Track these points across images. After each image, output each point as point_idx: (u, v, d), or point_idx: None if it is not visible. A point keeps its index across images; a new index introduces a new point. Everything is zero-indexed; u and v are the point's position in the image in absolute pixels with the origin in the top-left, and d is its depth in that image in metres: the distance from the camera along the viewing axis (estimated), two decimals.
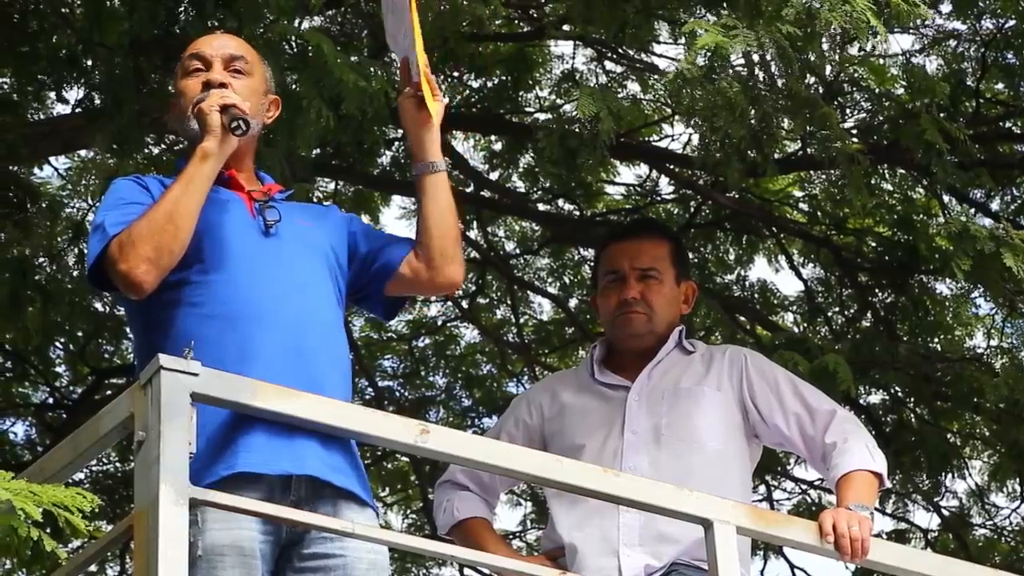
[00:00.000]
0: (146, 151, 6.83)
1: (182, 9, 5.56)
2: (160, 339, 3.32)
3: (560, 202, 8.26)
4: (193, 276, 3.38)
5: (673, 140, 7.83)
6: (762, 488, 8.69)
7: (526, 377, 9.01)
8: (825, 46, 5.13)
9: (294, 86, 5.30)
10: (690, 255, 6.50)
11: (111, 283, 3.36)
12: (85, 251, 7.72)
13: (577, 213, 8.24)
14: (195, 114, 3.44)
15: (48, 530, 2.91)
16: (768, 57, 4.87)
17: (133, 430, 2.96)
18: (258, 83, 3.58)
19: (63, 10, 5.94)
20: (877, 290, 7.48)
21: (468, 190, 8.02)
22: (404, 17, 3.63)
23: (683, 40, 5.43)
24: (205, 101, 3.43)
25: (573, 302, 8.70)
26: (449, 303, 8.99)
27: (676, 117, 7.20)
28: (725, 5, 4.97)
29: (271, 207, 3.50)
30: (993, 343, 7.92)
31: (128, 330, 8.53)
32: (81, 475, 8.51)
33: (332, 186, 8.05)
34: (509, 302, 8.88)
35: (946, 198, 7.20)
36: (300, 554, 3.31)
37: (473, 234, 8.38)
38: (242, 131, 3.39)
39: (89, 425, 3.11)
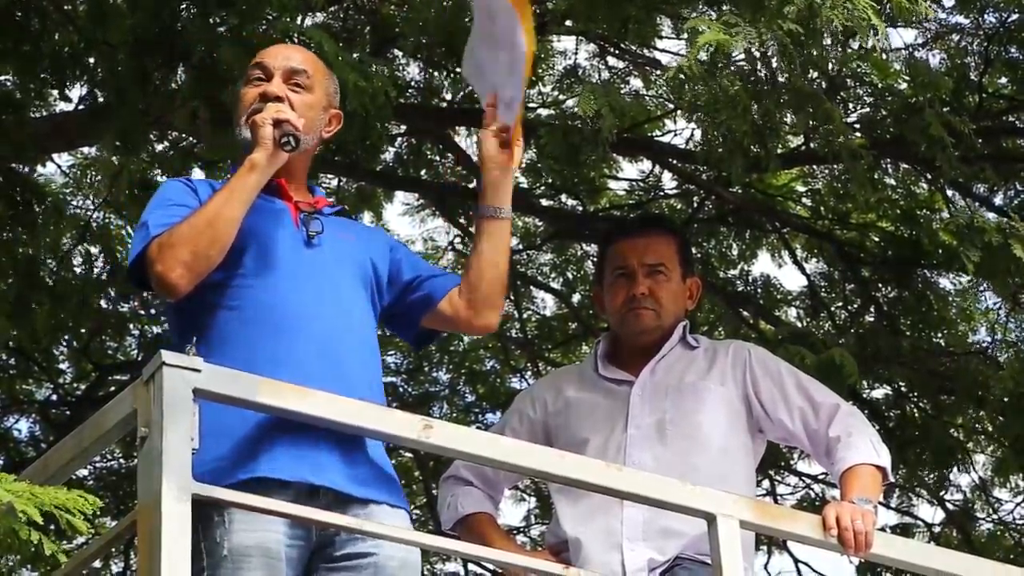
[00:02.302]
0: (149, 148, 6.85)
1: (184, 6, 5.57)
2: (194, 338, 3.34)
3: (563, 198, 8.26)
4: (232, 280, 3.41)
5: (676, 135, 7.84)
6: (765, 483, 8.70)
7: (529, 373, 9.02)
8: (827, 42, 5.12)
9: None
10: (693, 250, 6.50)
11: (149, 282, 3.39)
12: (92, 251, 7.79)
13: (580, 209, 8.24)
14: (248, 124, 3.47)
15: (52, 527, 2.92)
16: (770, 53, 4.87)
17: (136, 426, 2.97)
18: (318, 98, 3.59)
19: (66, 8, 5.94)
20: (880, 285, 7.48)
21: (471, 185, 8.02)
22: (499, 55, 3.61)
23: (685, 36, 5.43)
24: (260, 113, 3.46)
25: (576, 297, 8.71)
26: None
27: (679, 112, 7.20)
28: (727, 1, 4.97)
29: (315, 219, 3.54)
30: (997, 337, 7.92)
31: (132, 327, 8.56)
32: (85, 471, 8.53)
33: (335, 183, 8.06)
34: (512, 298, 8.88)
35: (949, 193, 7.20)
36: (332, 555, 3.33)
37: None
38: (291, 147, 3.43)
39: (92, 421, 3.12)
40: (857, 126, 6.60)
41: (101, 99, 6.26)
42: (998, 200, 7.14)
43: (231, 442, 3.24)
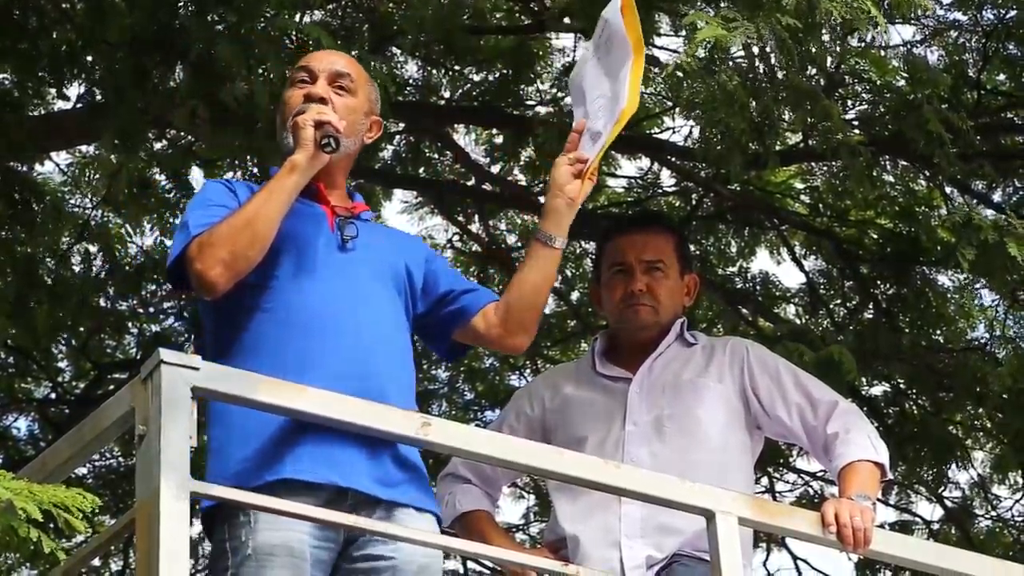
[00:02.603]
0: (148, 146, 6.84)
1: (182, 4, 5.57)
2: (228, 338, 3.41)
3: None
4: (267, 282, 3.44)
5: (674, 133, 7.84)
6: (764, 480, 8.69)
7: (528, 370, 9.01)
8: (826, 37, 5.12)
9: None
10: (692, 247, 6.50)
11: (188, 281, 3.40)
12: (91, 249, 7.80)
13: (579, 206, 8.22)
14: (291, 126, 3.50)
15: (51, 525, 2.92)
16: (768, 49, 4.86)
17: (134, 424, 2.97)
18: (360, 103, 3.63)
19: (64, 6, 5.94)
20: (879, 282, 7.47)
21: (470, 183, 8.02)
22: (604, 84, 3.65)
23: (684, 32, 5.42)
24: (303, 115, 3.48)
25: (575, 295, 8.70)
26: None
27: (677, 110, 7.19)
28: None
29: (351, 223, 3.56)
30: (996, 334, 7.92)
31: (131, 325, 8.56)
32: (84, 470, 8.53)
33: None
34: None
35: (948, 190, 7.20)
36: (353, 555, 3.35)
37: (475, 227, 8.38)
38: (332, 148, 3.45)
39: (91, 420, 3.12)
40: (855, 123, 6.60)
41: (99, 97, 6.26)
42: (996, 197, 7.14)
43: (257, 444, 3.27)
